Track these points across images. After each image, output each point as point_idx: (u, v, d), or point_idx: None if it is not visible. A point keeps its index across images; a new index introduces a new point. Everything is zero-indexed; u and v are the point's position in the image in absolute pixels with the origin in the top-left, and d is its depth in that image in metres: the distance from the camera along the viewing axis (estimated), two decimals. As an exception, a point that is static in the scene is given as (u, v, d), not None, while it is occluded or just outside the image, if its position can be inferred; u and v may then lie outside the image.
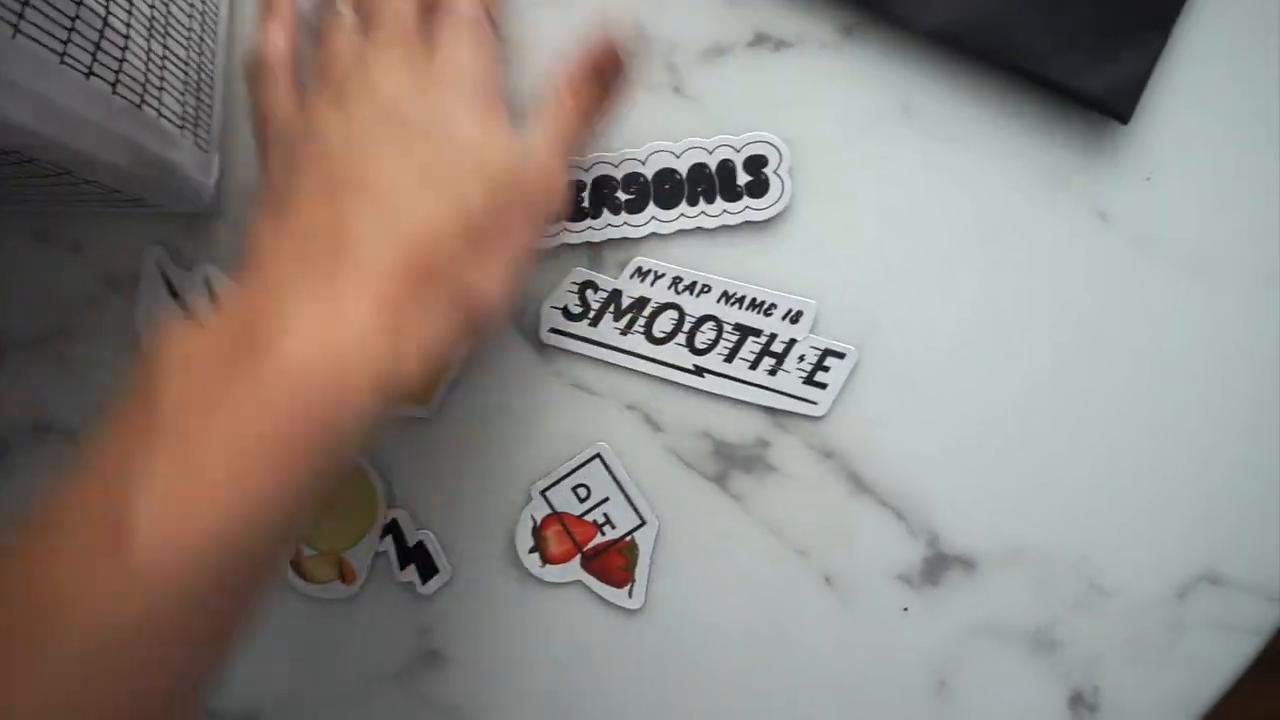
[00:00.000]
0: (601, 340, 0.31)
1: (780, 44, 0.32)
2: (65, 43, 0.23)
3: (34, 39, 0.22)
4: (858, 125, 0.32)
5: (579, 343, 0.32)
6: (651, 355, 0.31)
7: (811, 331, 0.31)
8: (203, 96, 0.30)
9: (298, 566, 0.32)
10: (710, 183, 0.31)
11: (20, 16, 0.21)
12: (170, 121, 0.28)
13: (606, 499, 0.31)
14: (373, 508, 0.32)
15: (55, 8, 0.22)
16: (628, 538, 0.31)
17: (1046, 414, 0.32)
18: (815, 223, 0.32)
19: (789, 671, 0.31)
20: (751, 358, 0.31)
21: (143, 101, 0.26)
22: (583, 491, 0.31)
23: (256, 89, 0.28)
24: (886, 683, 0.31)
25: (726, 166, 0.31)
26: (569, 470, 0.31)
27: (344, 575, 0.32)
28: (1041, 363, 0.32)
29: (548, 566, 0.31)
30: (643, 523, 0.31)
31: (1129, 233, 0.32)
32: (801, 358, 0.31)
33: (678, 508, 0.32)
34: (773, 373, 0.31)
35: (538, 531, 0.31)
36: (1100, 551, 0.31)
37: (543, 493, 0.31)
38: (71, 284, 0.32)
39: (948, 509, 0.31)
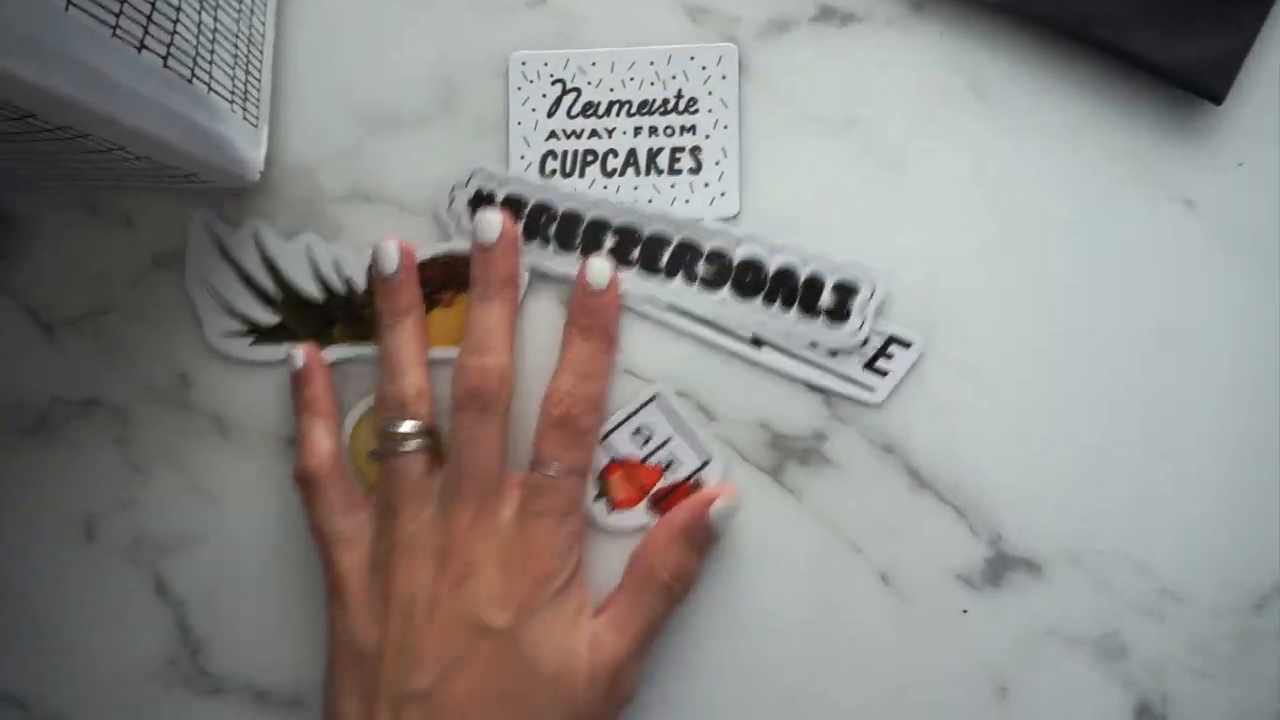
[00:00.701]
0: (668, 300, 0.30)
1: (847, 18, 0.31)
2: (118, 15, 0.22)
3: (86, 10, 0.21)
4: (927, 104, 0.30)
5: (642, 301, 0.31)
6: (712, 318, 0.30)
7: (878, 315, 0.30)
8: (251, 70, 0.29)
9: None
10: (793, 293, 0.30)
11: (73, -14, 0.21)
12: (220, 95, 0.27)
13: (668, 440, 0.31)
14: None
15: (106, -23, 0.22)
16: (693, 478, 0.30)
17: (1120, 411, 0.30)
18: (882, 204, 0.30)
19: (843, 670, 0.30)
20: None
21: (193, 75, 0.26)
22: (643, 435, 0.31)
23: (311, 512, 0.29)
24: (944, 686, 0.30)
25: (814, 284, 0.30)
26: (627, 414, 0.31)
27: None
28: (1116, 357, 0.30)
29: (615, 513, 0.31)
30: (707, 461, 0.30)
31: (1216, 222, 0.30)
32: (865, 341, 0.30)
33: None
34: (833, 353, 0.30)
35: (602, 478, 0.31)
36: (1173, 557, 0.30)
37: (602, 439, 0.31)
38: (119, 260, 0.31)
39: (1012, 508, 0.30)
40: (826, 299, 0.30)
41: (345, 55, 0.31)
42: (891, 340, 0.30)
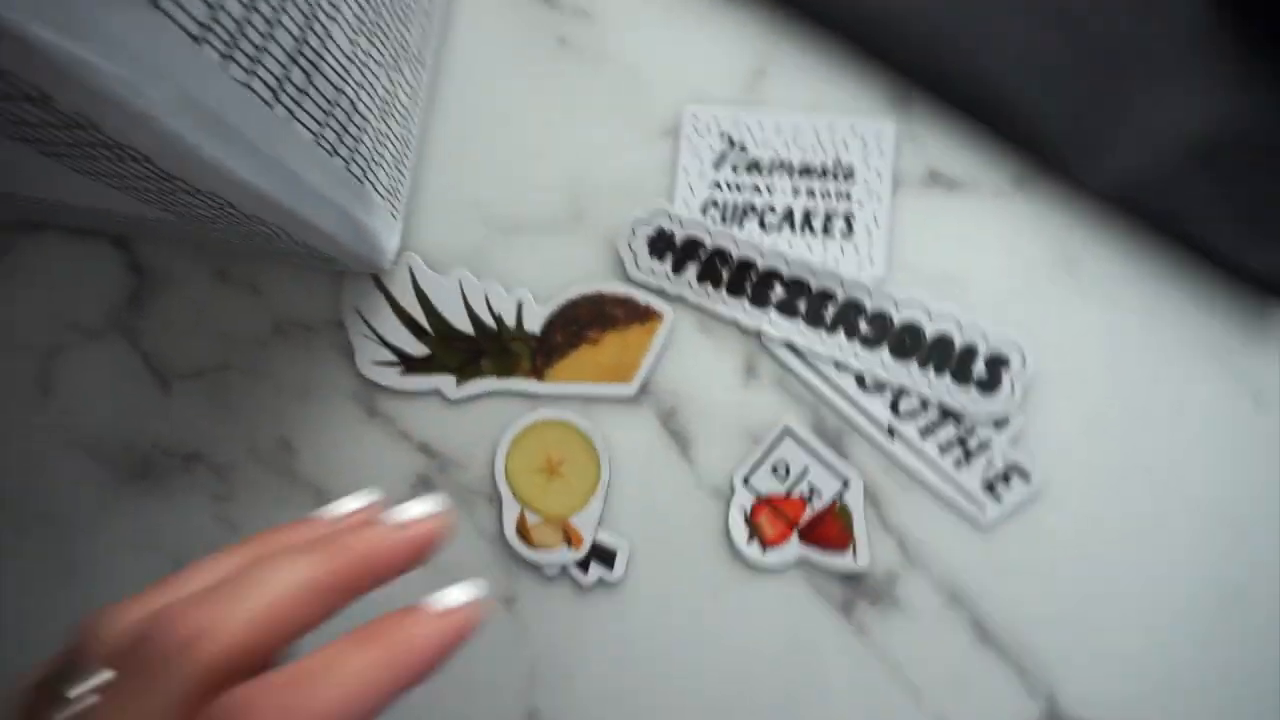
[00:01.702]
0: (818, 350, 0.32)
1: (953, 185, 0.33)
2: (322, 125, 0.24)
3: (301, 121, 0.23)
4: (1021, 273, 0.32)
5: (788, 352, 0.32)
6: (854, 397, 0.32)
7: (1010, 444, 0.32)
8: (402, 169, 0.31)
9: (525, 535, 0.32)
10: (947, 358, 0.32)
11: (297, 104, 0.23)
12: (378, 193, 0.29)
13: (805, 470, 0.32)
14: (596, 470, 0.32)
15: (321, 94, 0.24)
16: (836, 503, 0.31)
17: (1183, 591, 0.31)
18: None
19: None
20: (946, 443, 0.32)
21: (364, 176, 0.28)
22: (781, 470, 0.32)
23: None
24: (994, 844, 0.30)
25: (970, 352, 0.32)
26: (763, 453, 0.32)
27: (570, 540, 0.32)
28: (1181, 539, 0.31)
29: (769, 551, 0.31)
30: (846, 482, 0.32)
31: (1286, 419, 0.32)
32: (990, 463, 0.32)
33: (796, 628, 0.31)
34: (958, 465, 0.32)
35: (750, 520, 0.32)
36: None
37: (745, 481, 0.32)
38: (243, 323, 0.33)
39: (1070, 673, 0.31)
40: (979, 369, 0.31)
41: (477, 152, 0.34)
42: (1013, 469, 0.32)
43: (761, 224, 0.33)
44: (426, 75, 0.33)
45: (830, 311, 0.32)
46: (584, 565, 0.32)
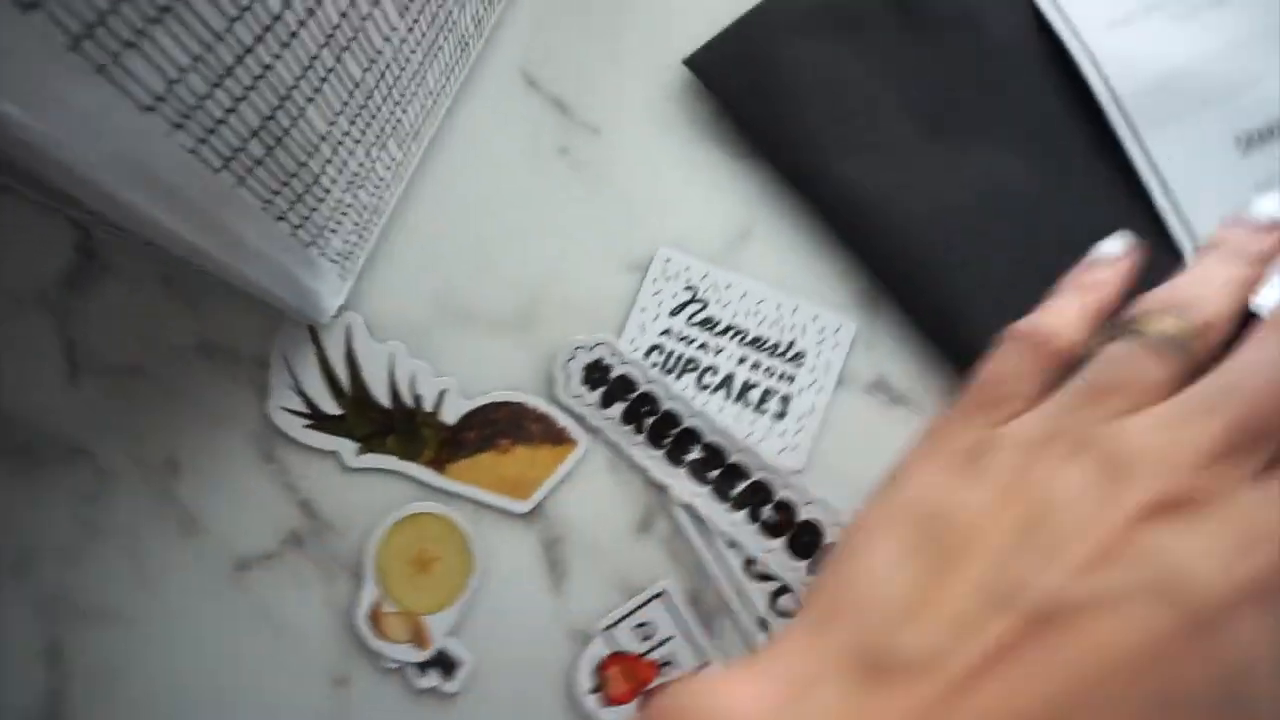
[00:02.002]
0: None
1: (897, 398, 0.33)
2: (274, 194, 0.24)
3: (250, 188, 0.23)
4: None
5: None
6: (738, 579, 0.32)
7: None
8: (365, 234, 0.32)
9: (376, 620, 0.31)
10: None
11: (250, 172, 0.23)
12: (327, 258, 0.29)
13: (670, 638, 0.31)
14: (465, 577, 0.32)
15: (280, 166, 0.24)
16: None
17: None
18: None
19: None
20: None
21: (313, 242, 0.28)
22: (646, 631, 0.31)
23: (991, 357, 0.21)
24: None
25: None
26: (633, 608, 0.31)
27: (419, 639, 0.31)
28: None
29: (608, 708, 0.31)
30: (705, 664, 0.31)
31: None
32: None
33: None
34: None
35: (600, 671, 0.31)
36: None
37: (606, 630, 0.31)
38: (172, 335, 0.33)
39: None
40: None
41: (450, 234, 0.34)
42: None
43: (699, 382, 0.33)
44: (420, 149, 0.33)
45: (739, 488, 0.32)
46: (424, 667, 0.31)
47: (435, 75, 0.31)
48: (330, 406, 0.33)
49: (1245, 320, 0.20)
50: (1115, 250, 0.23)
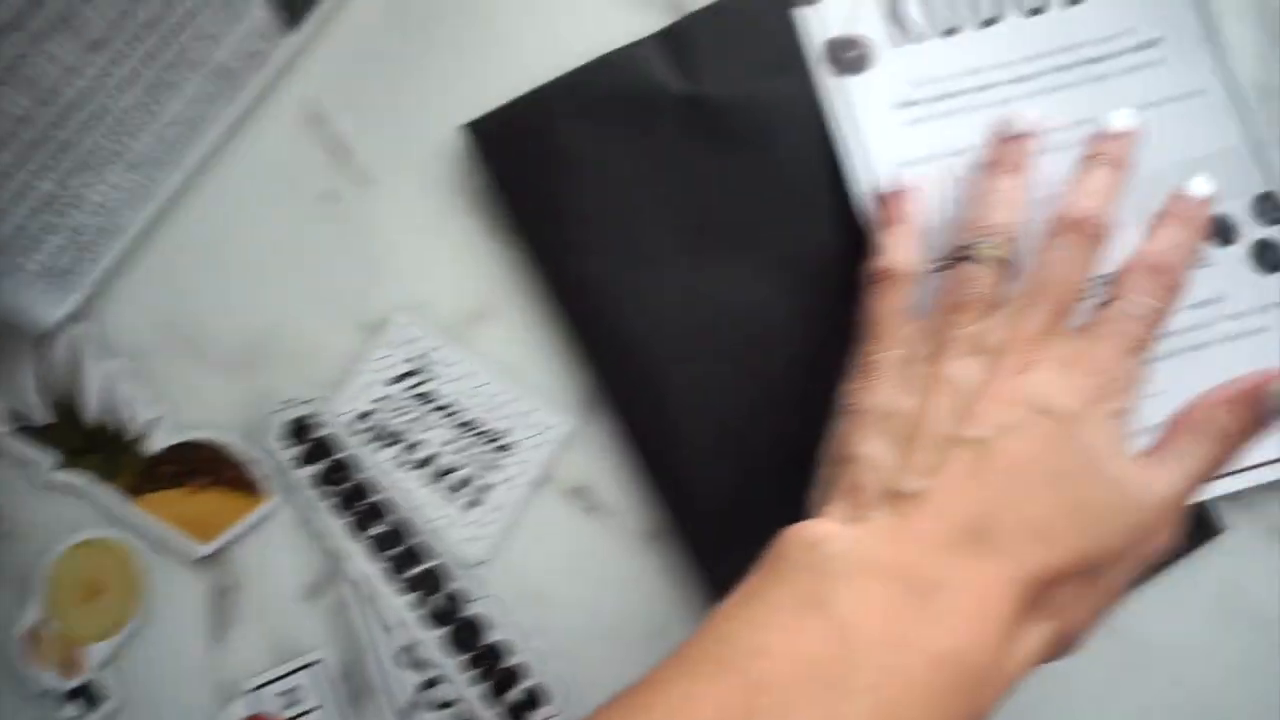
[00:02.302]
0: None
1: (594, 508, 0.32)
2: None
3: None
4: (612, 623, 0.31)
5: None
6: (390, 662, 0.31)
7: None
8: (89, 252, 0.31)
9: (32, 639, 0.31)
10: (493, 669, 0.31)
11: None
12: (29, 272, 0.29)
13: (312, 710, 0.31)
14: (129, 612, 0.31)
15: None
16: None
17: None
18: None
19: None
20: None
21: (11, 255, 0.28)
22: (290, 699, 0.31)
23: (875, 299, 0.29)
24: None
25: (515, 674, 0.31)
26: (283, 673, 0.31)
27: (70, 667, 0.31)
28: None
29: None
30: None
31: None
32: None
33: None
34: None
35: None
36: None
37: (251, 691, 0.31)
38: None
39: None
40: (518, 693, 0.31)
41: (198, 263, 0.34)
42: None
43: (403, 457, 0.32)
44: (180, 174, 0.33)
45: (415, 571, 0.31)
46: (68, 697, 0.31)
47: (178, 106, 0.30)
48: (40, 416, 0.33)
49: None
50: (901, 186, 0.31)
